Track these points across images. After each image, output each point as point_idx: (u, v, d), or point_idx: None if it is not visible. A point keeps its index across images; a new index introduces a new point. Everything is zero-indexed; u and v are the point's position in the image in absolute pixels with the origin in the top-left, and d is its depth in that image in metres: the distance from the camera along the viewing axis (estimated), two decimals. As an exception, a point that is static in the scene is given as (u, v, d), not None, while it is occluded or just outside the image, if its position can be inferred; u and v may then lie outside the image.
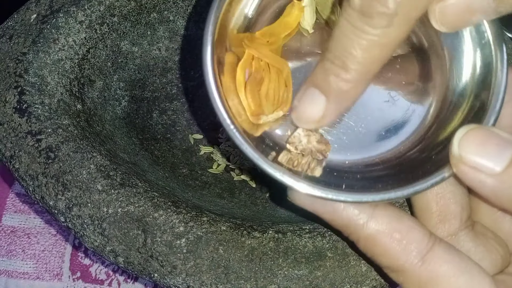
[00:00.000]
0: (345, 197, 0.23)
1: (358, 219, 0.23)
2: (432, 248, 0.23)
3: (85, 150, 0.30)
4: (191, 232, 0.28)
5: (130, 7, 0.35)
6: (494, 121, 0.24)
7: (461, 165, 0.22)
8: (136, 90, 0.38)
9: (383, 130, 0.27)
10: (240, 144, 0.23)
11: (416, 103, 0.27)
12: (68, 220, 0.28)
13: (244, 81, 0.25)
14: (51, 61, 0.32)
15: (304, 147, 0.25)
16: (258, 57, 0.25)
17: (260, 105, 0.25)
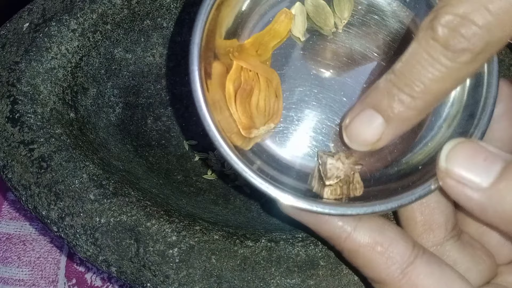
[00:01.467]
0: (329, 210, 0.23)
1: (342, 232, 0.23)
2: (413, 261, 0.23)
3: (77, 159, 0.30)
4: (184, 241, 0.28)
5: (123, 15, 0.35)
6: (482, 134, 0.24)
7: (447, 178, 0.21)
8: (130, 96, 0.38)
9: None
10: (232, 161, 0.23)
11: None
12: (61, 230, 0.28)
13: (234, 93, 0.25)
14: (44, 70, 0.32)
15: (343, 170, 0.25)
16: (247, 68, 0.25)
17: (251, 117, 0.25)
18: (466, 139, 0.22)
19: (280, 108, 0.26)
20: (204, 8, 0.23)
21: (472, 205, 0.21)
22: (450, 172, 0.21)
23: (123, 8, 0.35)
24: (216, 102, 0.24)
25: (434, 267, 0.23)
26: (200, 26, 0.23)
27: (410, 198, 0.23)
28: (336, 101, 0.27)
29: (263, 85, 0.25)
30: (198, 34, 0.23)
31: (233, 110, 0.24)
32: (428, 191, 0.23)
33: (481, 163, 0.21)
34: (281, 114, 0.26)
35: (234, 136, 0.24)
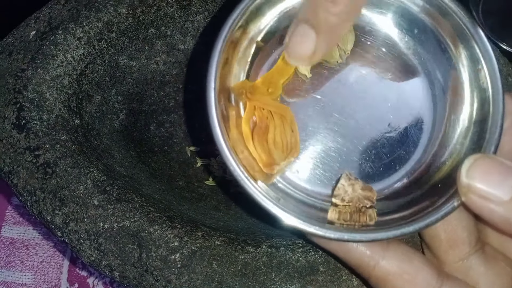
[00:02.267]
0: (360, 237, 0.23)
1: (370, 260, 0.24)
2: (440, 287, 0.24)
3: (82, 165, 0.30)
4: (186, 247, 0.28)
5: (128, 23, 0.36)
6: (495, 148, 0.24)
7: (470, 194, 0.22)
8: (134, 103, 0.39)
9: (387, 161, 0.28)
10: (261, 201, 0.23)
11: (417, 132, 0.28)
12: (65, 235, 0.29)
13: (250, 133, 0.25)
14: (50, 77, 0.33)
15: (351, 196, 0.26)
16: (260, 107, 0.26)
17: (270, 154, 0.25)
18: (484, 155, 0.23)
19: (297, 142, 0.27)
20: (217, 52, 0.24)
21: (495, 218, 0.22)
22: (472, 188, 0.22)
23: (128, 17, 0.35)
24: (236, 143, 0.25)
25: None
26: (214, 71, 0.24)
27: (437, 217, 0.24)
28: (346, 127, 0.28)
29: (277, 121, 0.26)
30: (213, 78, 0.24)
31: (252, 149, 0.25)
32: (452, 208, 0.23)
33: (500, 177, 0.22)
34: (299, 147, 0.27)
35: (256, 173, 0.25)
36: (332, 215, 0.25)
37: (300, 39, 0.24)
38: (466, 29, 0.26)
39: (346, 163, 0.27)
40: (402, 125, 0.28)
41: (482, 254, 0.26)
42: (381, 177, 0.27)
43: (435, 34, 0.27)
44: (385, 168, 0.27)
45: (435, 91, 0.28)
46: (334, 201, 0.26)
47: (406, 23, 0.28)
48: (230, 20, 0.25)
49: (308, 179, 0.27)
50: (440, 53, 0.27)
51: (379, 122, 0.28)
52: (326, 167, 0.27)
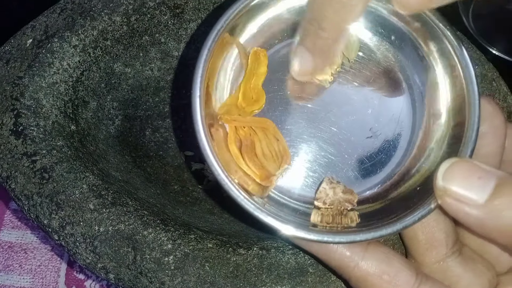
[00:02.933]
0: (339, 239, 0.24)
1: (350, 261, 0.25)
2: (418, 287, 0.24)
3: (78, 170, 0.31)
4: (179, 249, 0.29)
5: (123, 31, 0.36)
6: (471, 152, 0.25)
7: (446, 197, 0.23)
8: (129, 109, 0.40)
9: (369, 166, 0.28)
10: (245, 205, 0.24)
11: (397, 136, 0.29)
12: (62, 238, 0.30)
13: (239, 153, 0.26)
14: (46, 84, 0.33)
15: (332, 199, 0.27)
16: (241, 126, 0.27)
17: (264, 167, 0.26)
18: (460, 159, 0.23)
19: (286, 148, 0.28)
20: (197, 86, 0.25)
21: (470, 221, 0.22)
22: (448, 191, 0.22)
23: (122, 25, 0.36)
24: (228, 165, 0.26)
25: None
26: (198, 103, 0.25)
27: (413, 219, 0.24)
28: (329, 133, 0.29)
29: (260, 135, 0.27)
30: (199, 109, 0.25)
31: (245, 167, 0.26)
32: (428, 210, 0.24)
33: (476, 181, 0.22)
34: (289, 153, 0.27)
35: (251, 188, 0.26)
36: (314, 218, 0.26)
37: (300, 60, 0.27)
38: (443, 36, 0.27)
39: (329, 168, 0.28)
40: (383, 130, 0.28)
41: (460, 255, 0.26)
42: (363, 181, 0.28)
43: (412, 41, 0.28)
44: (367, 171, 0.28)
45: (414, 97, 0.29)
46: (316, 204, 0.27)
47: (385, 30, 0.29)
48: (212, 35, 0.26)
49: (292, 183, 0.28)
50: (418, 60, 0.28)
51: (361, 127, 0.29)
52: (309, 172, 0.28)
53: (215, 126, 0.26)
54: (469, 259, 0.27)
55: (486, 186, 0.22)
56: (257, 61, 0.28)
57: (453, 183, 0.22)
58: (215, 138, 0.26)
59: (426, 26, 0.27)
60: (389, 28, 0.29)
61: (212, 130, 0.26)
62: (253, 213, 0.24)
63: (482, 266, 0.27)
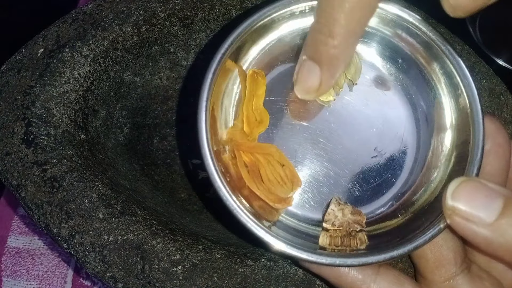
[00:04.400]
0: (351, 262, 0.24)
1: (362, 284, 0.25)
2: None
3: (87, 179, 0.31)
4: (187, 259, 0.29)
5: (133, 41, 0.37)
6: (477, 170, 0.25)
7: (454, 216, 0.23)
8: (137, 117, 0.40)
9: (375, 185, 0.28)
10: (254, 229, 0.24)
11: (402, 156, 0.29)
12: (71, 247, 0.30)
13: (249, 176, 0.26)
14: (57, 94, 0.34)
15: (341, 221, 0.27)
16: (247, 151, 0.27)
17: (272, 192, 0.26)
18: (468, 178, 0.23)
19: (293, 172, 0.28)
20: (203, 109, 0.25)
21: (478, 240, 0.23)
22: (456, 210, 0.23)
23: (133, 35, 0.36)
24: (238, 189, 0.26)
25: None
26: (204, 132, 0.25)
27: (424, 239, 0.24)
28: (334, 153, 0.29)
29: (263, 162, 0.27)
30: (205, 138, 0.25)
31: (258, 191, 0.26)
32: (438, 230, 0.24)
33: (484, 200, 0.22)
34: (298, 176, 0.27)
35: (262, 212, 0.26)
36: (323, 240, 0.26)
37: (306, 75, 0.25)
38: (445, 56, 0.27)
39: (335, 188, 0.28)
40: (387, 149, 0.29)
41: (468, 273, 0.27)
42: (370, 201, 0.28)
43: (415, 62, 0.29)
44: (373, 191, 0.28)
45: (418, 116, 0.29)
46: (324, 226, 0.27)
47: (389, 52, 0.29)
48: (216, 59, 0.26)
49: (298, 204, 0.28)
50: (421, 79, 0.29)
51: (365, 147, 0.29)
52: (315, 192, 0.28)
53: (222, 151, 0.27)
54: (477, 277, 0.27)
55: (493, 205, 0.22)
56: (255, 82, 0.28)
57: (461, 202, 0.22)
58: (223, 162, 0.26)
59: (429, 47, 0.27)
60: (393, 50, 0.29)
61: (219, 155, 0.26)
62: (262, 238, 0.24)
63: (490, 284, 0.27)
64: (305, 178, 0.28)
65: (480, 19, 0.52)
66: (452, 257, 0.26)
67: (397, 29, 0.28)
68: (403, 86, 0.29)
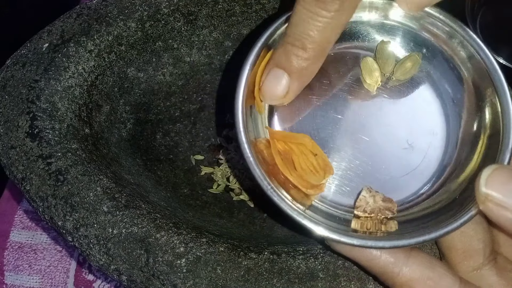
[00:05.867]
0: (383, 244, 0.25)
1: (394, 267, 0.25)
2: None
3: (92, 173, 0.32)
4: (191, 252, 0.29)
5: (137, 37, 0.37)
6: (508, 159, 0.26)
7: (488, 203, 0.23)
8: (141, 113, 0.40)
9: (406, 175, 0.29)
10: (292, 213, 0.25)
11: (433, 147, 0.29)
12: (75, 239, 0.30)
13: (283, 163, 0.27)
14: (62, 88, 0.34)
15: (372, 207, 0.27)
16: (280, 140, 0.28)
17: (305, 180, 0.27)
18: (502, 165, 0.24)
19: (326, 161, 0.28)
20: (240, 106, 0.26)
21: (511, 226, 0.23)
22: (489, 196, 0.23)
23: (137, 31, 0.37)
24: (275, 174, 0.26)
25: None
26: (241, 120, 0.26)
27: (456, 225, 0.25)
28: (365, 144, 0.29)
29: (296, 151, 0.28)
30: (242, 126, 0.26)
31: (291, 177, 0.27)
32: (470, 216, 0.25)
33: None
34: (331, 165, 0.28)
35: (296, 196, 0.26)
36: (354, 225, 0.27)
37: (274, 82, 0.26)
38: (472, 48, 0.27)
39: (366, 178, 0.29)
40: (418, 142, 0.29)
41: (495, 264, 0.27)
42: (400, 190, 0.29)
43: (443, 54, 0.29)
44: (404, 181, 0.29)
45: (447, 109, 0.29)
46: (356, 212, 0.27)
47: (415, 45, 0.30)
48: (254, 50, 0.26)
49: (331, 192, 0.29)
50: (449, 72, 0.29)
51: (396, 139, 0.29)
52: (347, 181, 0.29)
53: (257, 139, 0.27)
54: (503, 268, 0.27)
55: None
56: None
57: (495, 189, 0.23)
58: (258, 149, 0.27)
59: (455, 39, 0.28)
60: (419, 42, 0.30)
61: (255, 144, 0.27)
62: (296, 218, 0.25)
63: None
64: (336, 167, 0.29)
65: (480, 17, 0.52)
66: (481, 248, 0.27)
67: (420, 21, 0.29)
68: (432, 79, 0.30)
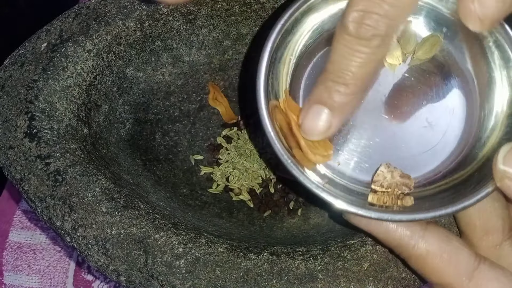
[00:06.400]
0: (399, 217, 0.25)
1: (410, 240, 0.26)
2: (478, 267, 0.25)
3: (91, 173, 0.31)
4: (190, 253, 0.29)
5: (136, 36, 0.37)
6: None
7: (505, 179, 0.24)
8: (140, 113, 0.40)
9: (424, 153, 0.29)
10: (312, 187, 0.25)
11: (452, 126, 0.29)
12: (74, 240, 0.30)
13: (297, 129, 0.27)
14: (60, 88, 0.34)
15: (389, 182, 0.27)
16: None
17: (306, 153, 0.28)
18: None
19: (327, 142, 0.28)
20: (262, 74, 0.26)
21: None
22: (507, 173, 0.23)
23: (136, 30, 0.37)
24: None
25: (498, 271, 0.25)
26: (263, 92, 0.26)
27: (472, 200, 0.25)
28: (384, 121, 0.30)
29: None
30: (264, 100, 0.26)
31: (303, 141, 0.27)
32: (487, 193, 0.25)
33: None
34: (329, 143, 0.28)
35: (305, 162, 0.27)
36: (371, 200, 0.27)
37: (315, 119, 0.26)
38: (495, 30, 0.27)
39: (385, 155, 0.29)
40: (438, 121, 0.29)
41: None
42: (418, 168, 0.29)
43: (464, 33, 0.29)
44: (422, 159, 0.29)
45: (468, 87, 0.29)
46: (373, 187, 0.28)
47: (436, 24, 0.30)
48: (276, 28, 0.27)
49: (350, 168, 0.29)
50: (471, 51, 0.29)
51: (416, 117, 0.29)
52: (366, 158, 0.29)
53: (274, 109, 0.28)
54: None
55: None
56: None
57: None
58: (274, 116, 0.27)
59: None
60: (441, 21, 0.30)
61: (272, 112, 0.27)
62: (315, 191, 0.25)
63: None
64: (356, 144, 0.29)
65: None
66: (500, 225, 0.27)
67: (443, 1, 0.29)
68: (454, 58, 0.30)
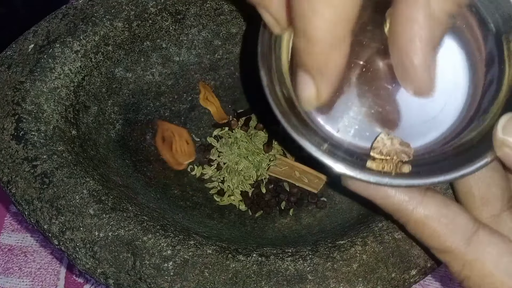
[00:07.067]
0: (398, 182, 0.25)
1: (408, 205, 0.26)
2: (476, 231, 0.25)
3: (78, 175, 0.31)
4: (178, 255, 0.29)
5: (124, 37, 0.37)
6: None
7: (504, 148, 0.24)
8: (130, 113, 0.40)
9: (425, 122, 0.29)
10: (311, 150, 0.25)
11: (454, 97, 0.29)
12: (61, 243, 0.30)
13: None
14: (48, 89, 0.33)
15: (389, 149, 0.27)
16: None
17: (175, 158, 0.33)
18: None
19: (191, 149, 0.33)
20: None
21: None
22: (506, 142, 0.23)
23: (124, 31, 0.36)
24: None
25: (496, 236, 0.25)
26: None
27: (471, 169, 0.25)
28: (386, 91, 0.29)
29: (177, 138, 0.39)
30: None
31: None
32: (486, 162, 0.25)
33: None
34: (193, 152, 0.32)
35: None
36: (370, 166, 0.26)
37: (303, 86, 0.24)
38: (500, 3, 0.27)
39: (386, 124, 0.29)
40: (441, 90, 0.29)
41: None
42: (418, 137, 0.28)
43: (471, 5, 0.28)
44: (423, 129, 0.29)
45: (471, 60, 0.29)
46: (372, 154, 0.27)
47: None
48: None
49: (350, 135, 0.29)
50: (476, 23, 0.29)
51: None
52: (366, 126, 0.29)
53: None
54: None
55: None
56: None
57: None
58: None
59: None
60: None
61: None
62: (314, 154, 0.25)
63: None
64: (357, 112, 0.29)
65: None
66: (499, 194, 0.27)
67: None
68: (456, 27, 0.29)
